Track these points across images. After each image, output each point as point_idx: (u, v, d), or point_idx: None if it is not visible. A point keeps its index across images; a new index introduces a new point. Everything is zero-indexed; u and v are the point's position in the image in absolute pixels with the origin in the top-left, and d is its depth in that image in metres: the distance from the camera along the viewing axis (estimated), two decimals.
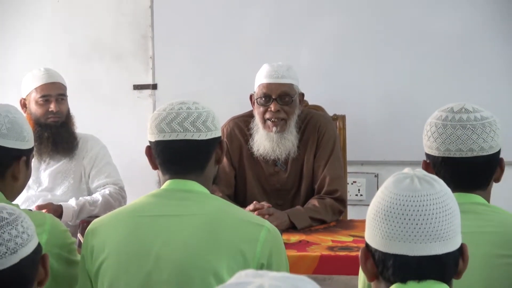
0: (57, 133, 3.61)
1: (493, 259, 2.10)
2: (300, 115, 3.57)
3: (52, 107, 3.60)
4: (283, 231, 2.86)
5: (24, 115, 3.48)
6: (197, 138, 2.33)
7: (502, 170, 2.25)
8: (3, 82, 4.27)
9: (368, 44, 4.21)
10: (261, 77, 3.49)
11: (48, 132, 3.55)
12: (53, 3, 4.37)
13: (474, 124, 2.18)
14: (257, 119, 3.52)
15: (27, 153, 2.45)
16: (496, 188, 2.29)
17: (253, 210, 3.21)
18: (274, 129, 3.47)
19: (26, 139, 2.44)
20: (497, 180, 2.25)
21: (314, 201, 3.50)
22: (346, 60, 4.23)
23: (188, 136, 2.33)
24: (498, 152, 2.22)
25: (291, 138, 3.51)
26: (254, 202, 3.33)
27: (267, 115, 3.47)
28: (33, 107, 3.62)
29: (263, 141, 3.51)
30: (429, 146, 2.23)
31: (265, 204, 3.31)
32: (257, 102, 3.50)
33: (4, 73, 4.32)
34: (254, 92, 3.52)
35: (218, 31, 4.29)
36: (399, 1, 4.18)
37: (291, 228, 3.34)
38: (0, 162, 2.39)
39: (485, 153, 2.18)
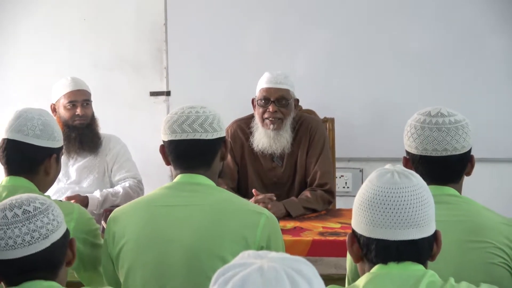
0: (82, 134, 3.61)
1: (464, 244, 2.10)
2: (295, 117, 3.57)
3: (78, 111, 3.60)
4: (279, 218, 2.85)
5: (55, 118, 3.48)
6: (204, 138, 2.34)
7: (472, 166, 2.25)
8: (36, 89, 4.26)
9: (355, 56, 4.20)
10: (262, 83, 3.51)
11: (75, 133, 3.55)
12: (80, 22, 4.37)
13: (448, 127, 2.18)
14: (257, 119, 3.54)
15: (57, 151, 2.47)
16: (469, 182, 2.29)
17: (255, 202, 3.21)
18: (271, 126, 3.48)
19: (57, 139, 2.45)
20: (468, 174, 2.26)
21: (306, 193, 3.50)
22: (335, 70, 4.22)
23: (197, 136, 2.33)
24: (469, 151, 2.23)
25: (285, 136, 3.52)
26: (253, 190, 3.34)
27: (266, 115, 3.49)
28: (61, 111, 3.62)
29: (261, 138, 3.52)
30: (409, 145, 2.23)
31: (267, 194, 3.32)
32: (257, 104, 3.52)
33: (37, 81, 4.31)
34: (255, 96, 3.52)
35: (224, 45, 4.28)
36: (382, 19, 4.17)
37: (287, 216, 3.35)
38: (33, 158, 2.40)
39: (457, 152, 2.19)
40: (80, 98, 3.62)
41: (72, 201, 3.22)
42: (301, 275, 1.16)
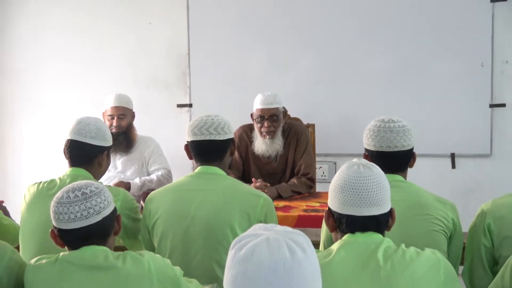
0: (117, 139, 3.50)
1: (412, 217, 2.12)
2: (284, 125, 3.56)
3: (114, 122, 3.60)
4: (273, 199, 2.86)
5: (106, 123, 3.52)
6: (217, 139, 2.36)
7: (414, 159, 2.27)
8: (92, 100, 4.26)
9: (330, 77, 4.18)
10: (257, 103, 3.48)
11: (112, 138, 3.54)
12: (125, 51, 4.38)
13: (397, 130, 2.21)
14: (256, 131, 3.53)
15: (108, 149, 2.48)
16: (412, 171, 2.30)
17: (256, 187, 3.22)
18: (267, 137, 3.48)
19: (107, 140, 2.46)
20: (411, 166, 2.28)
21: (294, 180, 3.50)
22: (316, 88, 4.20)
23: (212, 137, 2.35)
24: (412, 148, 2.25)
25: (278, 142, 3.51)
26: (253, 179, 3.36)
27: (262, 129, 3.48)
28: (106, 120, 3.63)
29: (260, 145, 3.52)
30: (368, 144, 2.24)
31: (263, 182, 3.34)
32: (255, 120, 3.50)
33: (94, 93, 4.32)
34: (253, 112, 3.51)
35: (232, 68, 4.27)
36: (350, 48, 4.14)
37: (278, 197, 3.35)
38: (90, 154, 2.41)
39: (404, 149, 2.21)
40: (117, 113, 3.62)
41: (119, 186, 3.24)
42: (297, 244, 1.15)
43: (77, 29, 4.38)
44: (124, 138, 3.62)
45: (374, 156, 2.18)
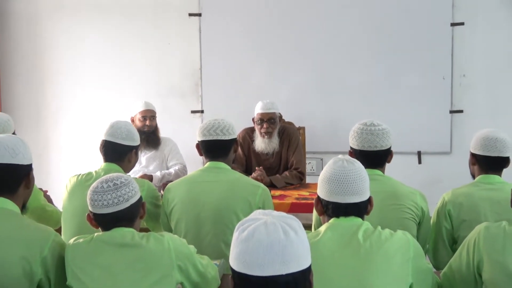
0: (149, 136, 3.61)
1: (387, 206, 2.12)
2: (279, 128, 3.57)
3: (147, 122, 3.61)
4: (270, 189, 2.85)
5: (138, 124, 3.53)
6: (223, 139, 2.35)
7: (391, 157, 2.26)
8: (123, 106, 4.24)
9: (319, 88, 4.17)
10: (258, 109, 3.50)
11: (144, 136, 3.54)
12: (147, 65, 4.36)
13: (378, 132, 2.19)
14: (257, 132, 3.53)
15: (136, 148, 2.48)
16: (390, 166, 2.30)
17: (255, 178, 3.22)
18: (266, 136, 3.49)
19: (136, 140, 2.46)
20: (389, 161, 2.26)
21: (286, 173, 3.50)
22: (306, 96, 4.19)
23: (218, 138, 2.35)
24: (390, 147, 2.23)
25: (275, 141, 3.52)
26: (256, 168, 3.39)
27: (262, 130, 3.48)
28: (137, 122, 3.63)
29: (260, 143, 3.52)
30: (352, 143, 2.23)
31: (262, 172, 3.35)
32: (256, 123, 3.51)
33: (124, 102, 4.30)
34: (254, 116, 3.52)
35: (237, 80, 4.25)
36: (334, 64, 4.13)
37: (274, 187, 3.35)
38: (121, 152, 2.42)
39: (383, 148, 2.20)
40: (148, 114, 3.63)
41: (143, 178, 3.24)
42: (290, 227, 1.15)
43: (111, 47, 4.37)
44: (154, 137, 3.63)
45: (358, 154, 2.18)
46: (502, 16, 4.01)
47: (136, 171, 3.58)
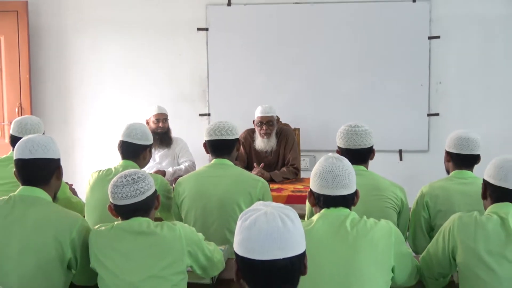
0: (162, 137, 3.59)
1: (371, 197, 2.11)
2: (277, 129, 3.56)
3: (160, 124, 3.59)
4: (269, 183, 2.85)
5: (152, 126, 3.52)
6: (227, 138, 2.35)
7: (373, 154, 2.25)
8: (139, 109, 4.24)
9: (311, 95, 4.17)
10: (258, 112, 3.49)
11: (157, 136, 3.53)
12: (162, 76, 4.35)
13: (361, 133, 2.18)
14: (257, 132, 3.52)
15: (150, 146, 2.46)
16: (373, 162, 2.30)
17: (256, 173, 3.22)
18: (265, 137, 3.48)
19: (149, 140, 2.44)
20: (372, 158, 2.25)
21: (284, 169, 3.50)
22: (301, 102, 4.18)
23: (223, 137, 2.34)
24: (372, 146, 2.22)
25: (273, 141, 3.51)
26: (255, 165, 3.37)
27: (261, 131, 3.48)
28: (151, 124, 3.61)
29: (260, 143, 3.51)
30: (340, 142, 2.22)
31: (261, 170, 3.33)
32: (256, 125, 3.50)
33: (139, 106, 4.29)
34: (255, 119, 3.51)
35: (240, 87, 4.24)
36: (325, 74, 4.13)
37: (273, 181, 3.34)
38: (137, 150, 2.40)
39: (366, 146, 2.19)
40: (161, 117, 3.61)
41: (157, 173, 3.23)
42: (287, 216, 1.15)
43: (128, 58, 4.37)
44: (166, 137, 3.61)
45: (344, 152, 2.17)
46: (473, 30, 4.02)
47: (150, 167, 3.58)
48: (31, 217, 1.70)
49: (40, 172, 1.76)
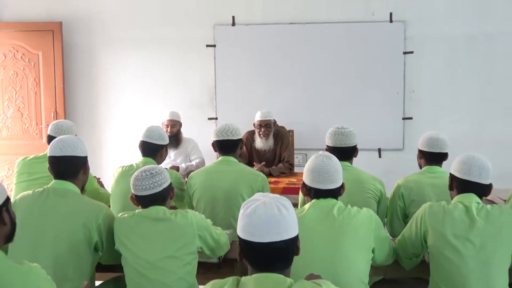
0: (171, 140, 3.49)
1: (354, 189, 2.12)
2: (274, 130, 3.55)
3: (168, 130, 3.57)
4: (267, 177, 2.85)
5: (164, 129, 3.50)
6: (232, 139, 2.34)
7: (357, 152, 2.24)
8: (157, 113, 4.23)
9: (305, 101, 4.15)
10: (257, 116, 3.48)
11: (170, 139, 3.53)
12: (176, 85, 4.34)
13: (346, 133, 2.19)
14: (256, 134, 3.51)
15: (166, 146, 2.46)
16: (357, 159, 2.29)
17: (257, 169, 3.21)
18: (263, 138, 3.47)
19: (165, 140, 2.44)
20: (355, 156, 2.25)
21: (280, 165, 3.48)
22: (295, 107, 4.16)
23: (228, 138, 2.34)
24: (356, 145, 2.22)
25: (270, 141, 3.50)
26: (254, 163, 3.36)
27: (260, 133, 3.47)
28: (164, 127, 3.60)
29: (259, 143, 3.50)
30: (328, 142, 2.22)
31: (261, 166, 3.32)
32: (256, 127, 3.49)
33: (157, 111, 4.28)
34: (255, 122, 3.50)
35: (243, 94, 4.22)
36: (318, 81, 4.12)
37: (271, 176, 3.33)
38: (155, 149, 2.39)
39: (351, 145, 2.19)
40: (170, 124, 3.59)
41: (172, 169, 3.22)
42: (283, 205, 1.15)
43: (147, 70, 4.36)
44: (175, 139, 3.59)
45: (332, 150, 2.17)
46: (443, 46, 4.03)
47: (166, 163, 3.57)
48: (62, 207, 1.71)
49: (69, 167, 1.77)
